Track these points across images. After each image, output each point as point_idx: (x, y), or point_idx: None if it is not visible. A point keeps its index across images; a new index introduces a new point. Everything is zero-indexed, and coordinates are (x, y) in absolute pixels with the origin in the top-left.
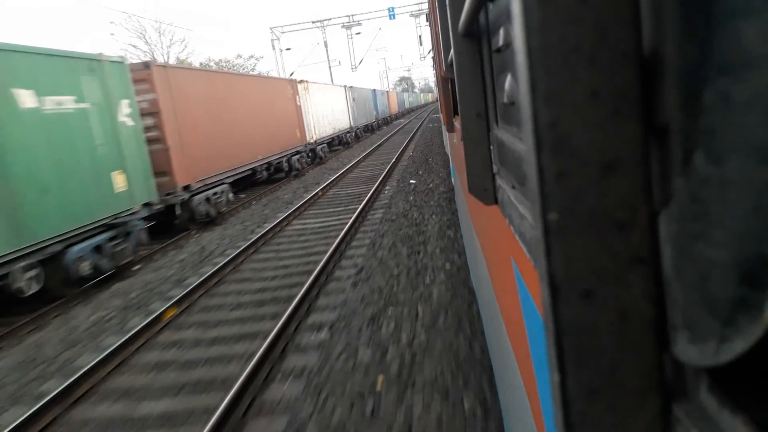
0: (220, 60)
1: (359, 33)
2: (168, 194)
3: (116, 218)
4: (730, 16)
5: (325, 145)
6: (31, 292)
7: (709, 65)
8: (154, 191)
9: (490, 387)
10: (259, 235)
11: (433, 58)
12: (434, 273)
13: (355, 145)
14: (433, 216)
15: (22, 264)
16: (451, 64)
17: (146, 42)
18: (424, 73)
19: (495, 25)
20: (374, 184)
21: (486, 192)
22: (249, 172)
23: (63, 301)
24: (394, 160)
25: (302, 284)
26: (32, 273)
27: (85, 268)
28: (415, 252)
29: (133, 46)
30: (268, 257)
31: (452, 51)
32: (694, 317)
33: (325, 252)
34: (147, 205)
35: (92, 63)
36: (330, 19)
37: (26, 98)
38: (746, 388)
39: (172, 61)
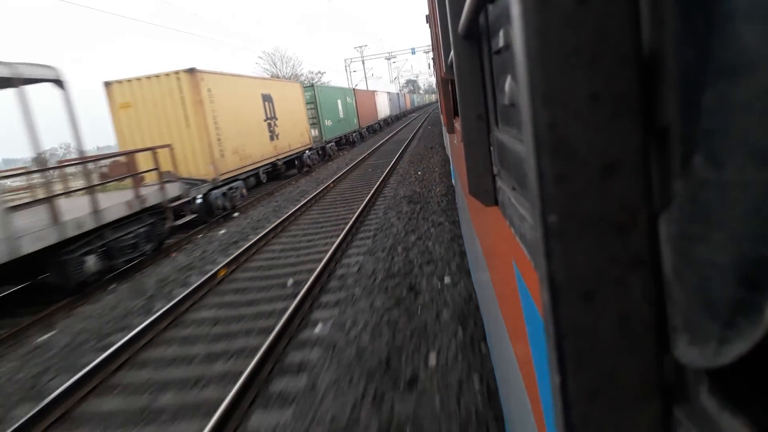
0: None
1: (395, 62)
2: (359, 128)
3: (353, 131)
4: (729, 19)
5: (382, 121)
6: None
7: (708, 67)
8: (357, 128)
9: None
10: (385, 137)
11: (433, 59)
12: (432, 130)
13: (393, 125)
14: (436, 132)
15: (334, 141)
16: (451, 66)
17: (274, 66)
18: (429, 79)
19: (495, 26)
20: (414, 129)
21: (486, 193)
22: (365, 130)
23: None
24: (418, 126)
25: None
26: (334, 145)
27: (347, 141)
28: (429, 129)
29: (267, 69)
30: (392, 135)
31: (452, 52)
32: (694, 319)
33: (418, 128)
34: (357, 129)
35: (349, 89)
36: (377, 54)
37: (346, 100)
38: (747, 390)
39: (285, 74)
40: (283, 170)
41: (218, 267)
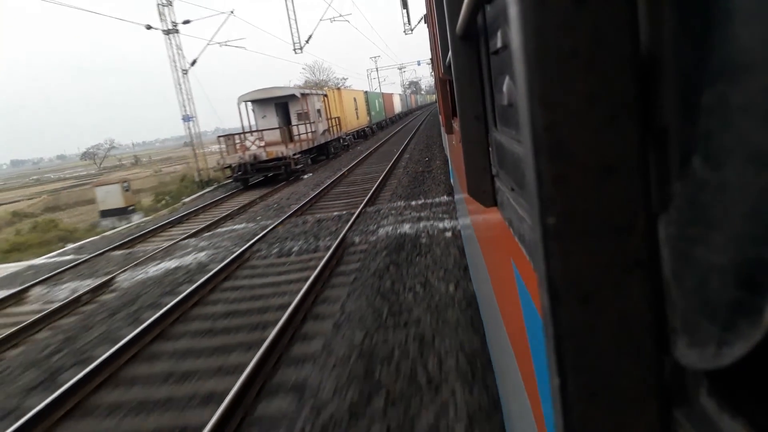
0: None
1: (404, 71)
2: (385, 119)
3: (383, 119)
4: (727, 20)
5: (397, 115)
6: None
7: (706, 68)
8: (385, 117)
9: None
10: (400, 125)
11: (431, 59)
12: (434, 120)
13: (403, 119)
14: (436, 122)
15: (375, 125)
16: (449, 66)
17: (313, 75)
18: (430, 80)
19: (492, 26)
20: (420, 122)
21: (485, 194)
22: (389, 120)
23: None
24: (423, 119)
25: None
26: (375, 127)
27: (379, 126)
28: (431, 120)
29: (308, 77)
30: (402, 126)
31: (450, 53)
32: (693, 320)
33: (423, 120)
34: (385, 118)
35: (380, 93)
36: (391, 66)
37: (379, 99)
38: (746, 392)
39: (321, 79)
40: (362, 134)
41: (366, 152)
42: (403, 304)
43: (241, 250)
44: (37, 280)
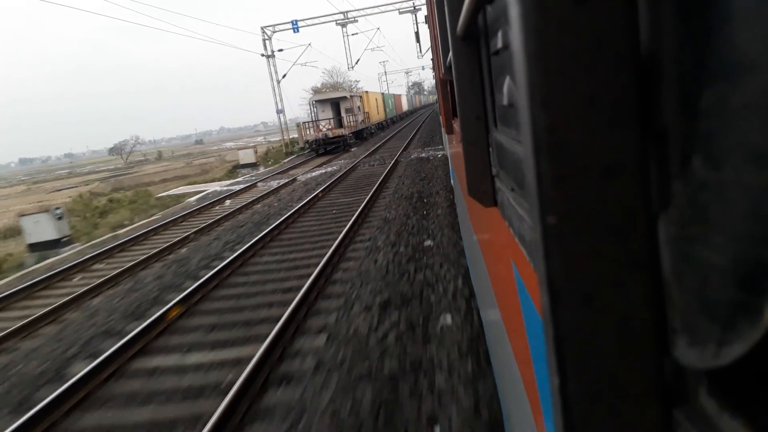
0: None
1: (410, 74)
2: (396, 115)
3: (394, 115)
4: (727, 20)
5: (404, 113)
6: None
7: (706, 69)
8: (396, 114)
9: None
10: (413, 118)
11: (432, 60)
12: (435, 117)
13: (411, 116)
14: (437, 118)
15: (387, 120)
16: (450, 66)
17: (332, 78)
18: (432, 81)
19: (493, 27)
20: (424, 119)
21: (485, 194)
22: (398, 116)
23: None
24: (426, 116)
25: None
26: (389, 121)
27: (391, 121)
28: (432, 117)
29: (327, 79)
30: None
31: (450, 53)
32: (693, 320)
33: (426, 117)
34: (396, 114)
35: (391, 95)
36: (398, 70)
37: (392, 99)
38: (746, 391)
39: (338, 81)
40: (380, 126)
41: (388, 136)
42: (424, 167)
43: (350, 167)
44: (254, 182)
